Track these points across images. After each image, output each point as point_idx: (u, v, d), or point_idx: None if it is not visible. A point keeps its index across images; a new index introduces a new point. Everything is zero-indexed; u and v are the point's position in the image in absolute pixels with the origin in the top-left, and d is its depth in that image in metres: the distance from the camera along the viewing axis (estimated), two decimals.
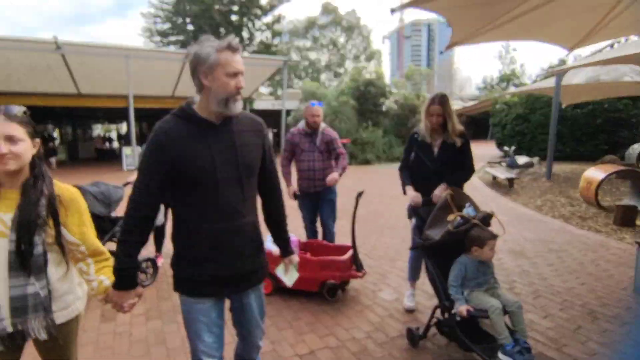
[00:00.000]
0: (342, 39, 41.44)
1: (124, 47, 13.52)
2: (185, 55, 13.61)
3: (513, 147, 12.91)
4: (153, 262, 3.81)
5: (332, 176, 3.56)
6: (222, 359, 1.65)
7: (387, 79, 25.79)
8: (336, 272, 3.23)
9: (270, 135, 20.27)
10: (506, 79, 33.40)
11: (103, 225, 3.32)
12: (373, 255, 4.55)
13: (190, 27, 29.98)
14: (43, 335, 1.36)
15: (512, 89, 27.90)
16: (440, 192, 2.72)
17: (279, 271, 1.99)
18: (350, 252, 3.36)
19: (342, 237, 5.12)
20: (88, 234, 1.50)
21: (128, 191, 1.70)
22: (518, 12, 3.18)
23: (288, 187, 3.75)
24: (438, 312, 2.51)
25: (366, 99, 18.00)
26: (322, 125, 3.82)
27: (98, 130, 36.44)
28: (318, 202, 3.84)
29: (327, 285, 3.22)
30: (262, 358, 2.54)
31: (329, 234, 3.92)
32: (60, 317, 1.44)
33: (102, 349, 2.66)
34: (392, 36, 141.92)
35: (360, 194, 3.45)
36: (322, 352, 2.57)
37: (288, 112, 17.71)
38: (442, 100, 2.79)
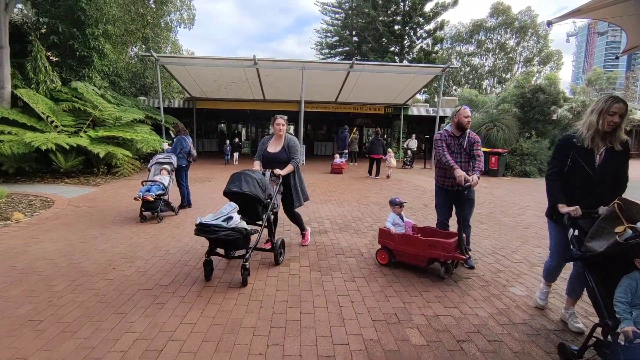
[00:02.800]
0: (511, 42, 37.84)
1: (301, 60, 15.97)
2: (349, 66, 15.23)
3: None
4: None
5: (474, 179, 3.87)
6: None
7: (566, 84, 22.53)
8: (441, 252, 3.77)
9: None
10: None
11: (259, 207, 3.79)
12: (511, 258, 4.62)
13: (355, 39, 32.41)
14: None
15: None
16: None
17: None
18: (455, 238, 3.85)
19: (482, 239, 5.30)
20: None
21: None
22: None
23: (455, 169, 3.88)
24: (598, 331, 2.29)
25: (532, 106, 16.35)
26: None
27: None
28: (457, 200, 4.20)
29: (439, 262, 3.84)
30: (393, 314, 3.20)
31: (467, 227, 4.25)
32: None
33: (282, 282, 3.75)
34: (580, 33, 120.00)
35: (466, 189, 3.90)
36: (445, 318, 3.04)
37: (442, 119, 17.59)
38: (624, 99, 2.60)
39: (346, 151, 16.28)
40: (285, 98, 19.57)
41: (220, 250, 3.73)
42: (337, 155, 15.28)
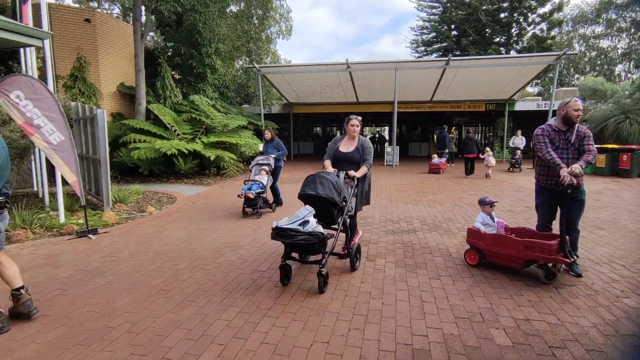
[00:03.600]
0: None
1: (394, 61, 15.85)
2: (445, 63, 14.62)
3: None
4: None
5: (576, 168, 3.49)
6: None
7: None
8: (540, 254, 3.52)
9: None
10: None
11: (334, 210, 3.63)
12: (632, 268, 4.02)
13: (453, 34, 30.76)
14: None
15: None
16: None
17: None
18: (557, 240, 3.55)
19: (598, 246, 4.70)
20: None
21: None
22: None
23: (561, 167, 3.61)
24: None
25: None
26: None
27: (366, 132, 43.06)
28: (562, 200, 3.81)
29: (539, 265, 3.65)
30: (477, 314, 3.13)
31: (574, 232, 3.84)
32: None
33: (367, 275, 3.90)
34: None
35: (569, 187, 3.50)
36: (538, 323, 2.85)
37: (555, 113, 15.68)
38: None
39: (446, 151, 15.59)
40: (378, 99, 19.61)
41: (296, 255, 3.71)
42: (434, 156, 14.78)
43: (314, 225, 3.34)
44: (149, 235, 5.53)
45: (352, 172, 3.99)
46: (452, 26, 31.15)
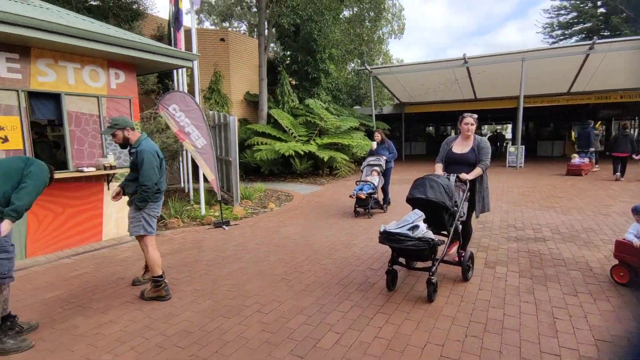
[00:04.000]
0: None
1: (520, 51, 14.26)
2: (588, 47, 12.57)
3: None
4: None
5: None
6: None
7: None
8: None
9: None
10: None
11: (444, 215, 3.46)
12: None
13: (601, 11, 26.20)
14: None
15: None
16: None
17: None
18: None
19: None
20: None
21: None
22: None
23: None
24: None
25: None
26: None
27: (485, 130, 39.72)
28: None
29: None
30: (625, 338, 2.71)
31: None
32: None
33: (485, 282, 3.67)
34: None
35: None
36: None
37: None
38: None
39: (591, 150, 13.35)
40: (500, 95, 17.89)
41: (402, 260, 3.61)
42: (575, 155, 12.86)
43: (423, 230, 3.21)
44: (271, 229, 6.13)
45: (463, 175, 3.75)
46: (599, 2, 26.54)
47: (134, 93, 5.97)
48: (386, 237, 3.23)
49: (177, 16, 8.16)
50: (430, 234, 3.22)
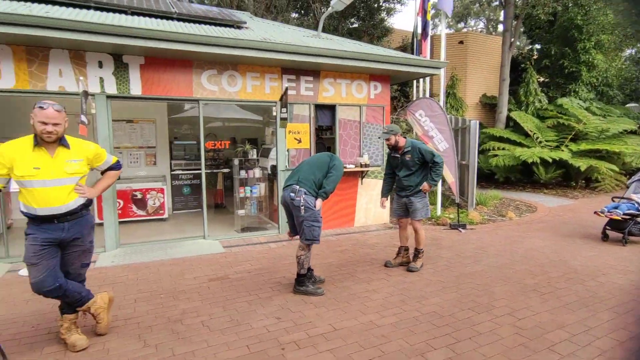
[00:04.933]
0: None
1: None
2: None
3: None
4: None
5: None
6: None
7: None
8: None
9: None
10: None
11: None
12: None
13: None
14: None
15: None
16: None
17: None
18: None
19: None
20: None
21: None
22: None
23: None
24: None
25: None
26: None
27: None
28: None
29: None
30: None
31: None
32: None
33: None
34: None
35: None
36: None
37: None
38: None
39: None
40: None
41: None
42: None
43: None
44: (512, 238, 5.73)
45: None
46: None
47: (386, 101, 6.83)
48: None
49: (424, 27, 8.71)
50: None
